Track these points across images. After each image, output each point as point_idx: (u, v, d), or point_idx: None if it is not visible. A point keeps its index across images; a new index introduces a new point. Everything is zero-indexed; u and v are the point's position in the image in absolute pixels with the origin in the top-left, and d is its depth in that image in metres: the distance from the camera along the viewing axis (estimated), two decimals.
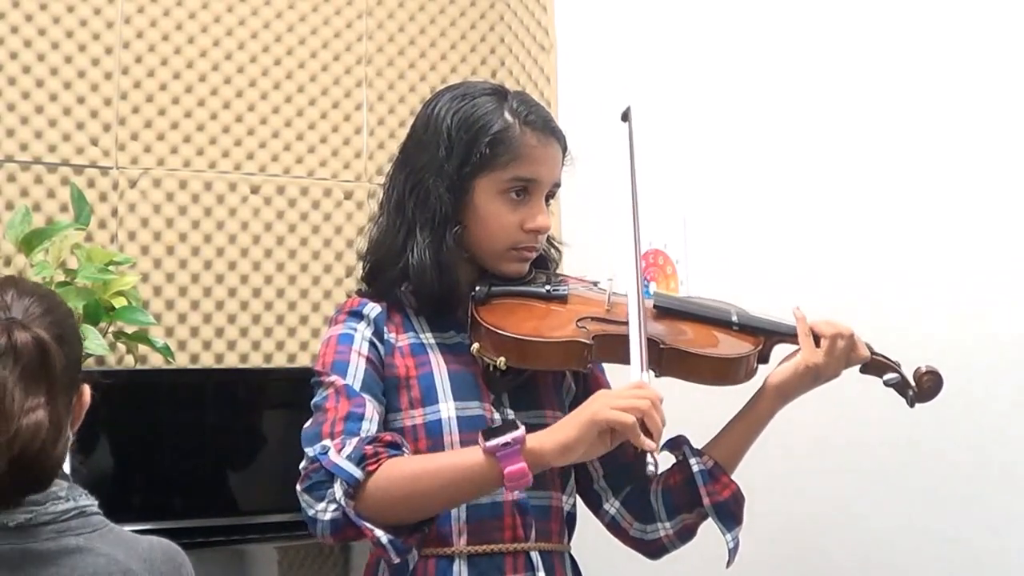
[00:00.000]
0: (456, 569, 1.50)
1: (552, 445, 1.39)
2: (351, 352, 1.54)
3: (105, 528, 1.39)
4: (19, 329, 1.33)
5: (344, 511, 1.38)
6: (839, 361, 1.60)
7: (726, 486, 1.60)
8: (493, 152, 1.55)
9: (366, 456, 1.40)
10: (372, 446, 1.42)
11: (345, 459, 1.40)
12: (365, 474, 1.39)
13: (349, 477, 1.39)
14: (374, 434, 1.46)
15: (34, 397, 1.33)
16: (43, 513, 1.34)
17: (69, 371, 1.40)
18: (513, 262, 1.61)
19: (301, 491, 1.43)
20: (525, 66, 3.27)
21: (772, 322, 1.66)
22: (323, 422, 1.47)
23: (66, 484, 1.38)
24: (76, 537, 1.35)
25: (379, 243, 1.62)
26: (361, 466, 1.39)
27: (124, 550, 1.37)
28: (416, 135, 1.63)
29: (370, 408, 1.49)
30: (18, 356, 1.32)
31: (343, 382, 1.50)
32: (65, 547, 1.33)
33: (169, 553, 1.42)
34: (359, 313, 1.59)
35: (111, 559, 1.35)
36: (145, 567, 1.37)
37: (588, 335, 1.52)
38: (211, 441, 2.77)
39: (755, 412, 1.62)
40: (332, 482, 1.40)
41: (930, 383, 1.64)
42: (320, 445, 1.43)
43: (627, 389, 1.41)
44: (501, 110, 1.58)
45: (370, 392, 1.51)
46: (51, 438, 1.34)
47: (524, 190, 1.58)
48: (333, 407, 1.48)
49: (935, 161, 2.11)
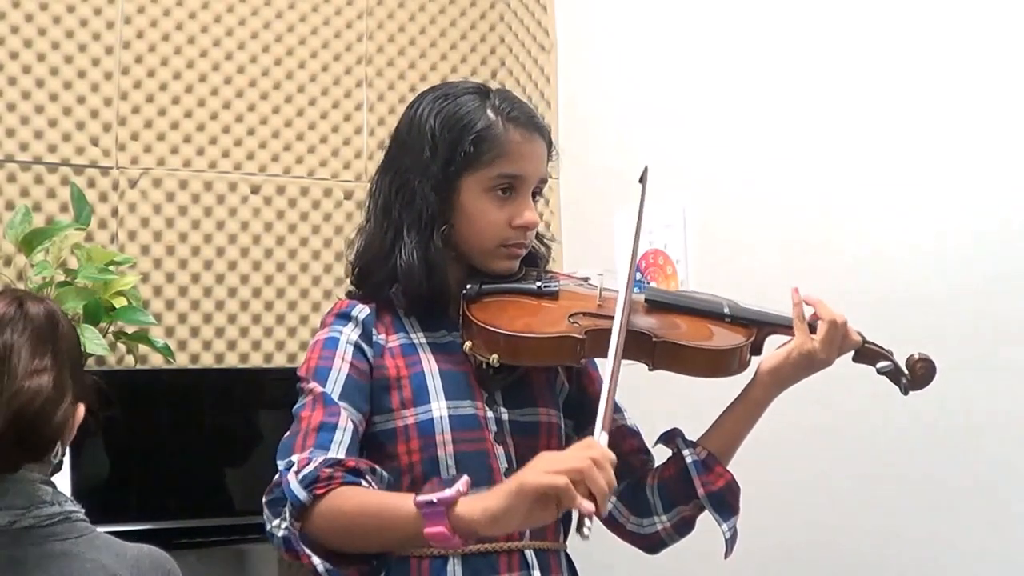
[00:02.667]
0: (450, 568, 1.50)
1: (480, 514, 1.28)
2: (335, 358, 1.53)
3: (91, 534, 1.38)
4: (31, 300, 1.38)
5: (290, 533, 1.37)
6: (832, 346, 1.60)
7: (720, 476, 1.59)
8: (477, 150, 1.55)
9: (319, 479, 1.38)
10: (331, 469, 1.39)
11: (298, 481, 1.38)
12: (311, 498, 1.37)
13: (295, 500, 1.37)
14: (340, 457, 1.43)
15: (40, 360, 1.35)
16: (27, 517, 1.34)
17: (73, 354, 1.42)
18: (503, 259, 1.61)
19: (264, 503, 1.42)
20: (525, 66, 3.27)
21: (764, 313, 1.66)
22: (296, 433, 1.47)
23: (51, 489, 1.38)
24: (61, 542, 1.34)
25: (367, 246, 1.62)
26: (309, 489, 1.37)
27: (111, 556, 1.37)
28: (400, 137, 1.63)
29: (344, 417, 1.48)
30: (28, 322, 1.36)
31: (321, 390, 1.50)
32: (50, 552, 1.33)
33: (158, 560, 1.42)
34: (347, 315, 1.59)
35: (97, 564, 1.34)
36: (133, 574, 1.36)
37: (580, 330, 1.52)
38: (211, 441, 2.77)
39: (749, 400, 1.62)
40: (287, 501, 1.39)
41: (923, 370, 1.64)
42: (288, 460, 1.43)
43: (572, 449, 1.32)
44: (484, 108, 1.58)
45: (348, 400, 1.50)
46: (52, 404, 1.35)
47: (510, 187, 1.58)
48: (307, 416, 1.48)
49: (934, 160, 2.11)
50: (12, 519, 1.33)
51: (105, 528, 1.43)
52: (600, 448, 1.30)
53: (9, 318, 1.35)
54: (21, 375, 1.34)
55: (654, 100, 2.79)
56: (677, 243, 2.67)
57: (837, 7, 2.32)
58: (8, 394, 1.32)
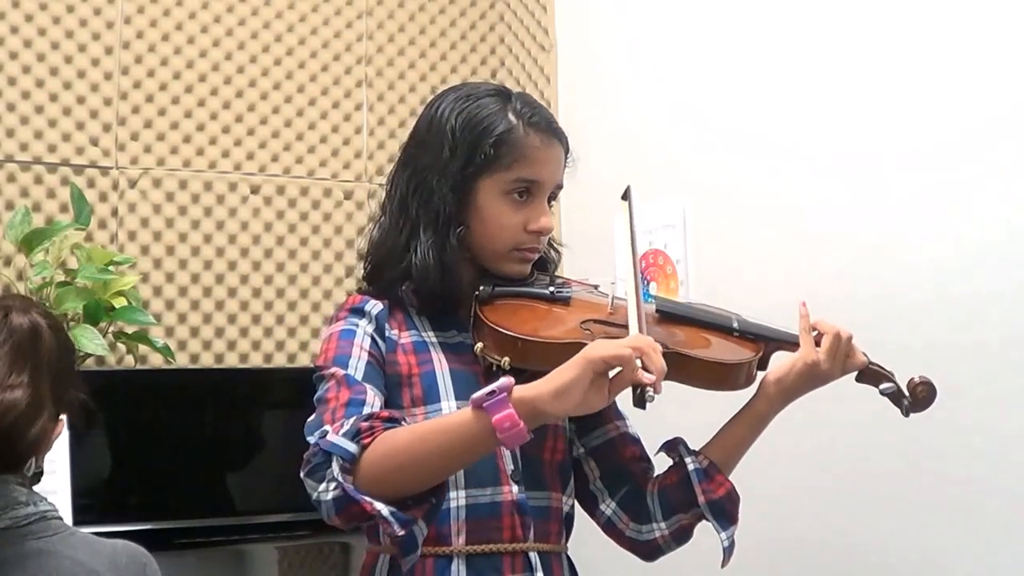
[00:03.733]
0: (454, 569, 1.50)
1: (547, 389, 1.32)
2: (353, 346, 1.54)
3: (67, 532, 1.39)
4: (17, 312, 1.38)
5: (343, 487, 1.36)
6: (837, 362, 1.61)
7: (721, 484, 1.60)
8: (497, 153, 1.56)
9: (361, 431, 1.38)
10: (368, 422, 1.40)
11: (340, 436, 1.38)
12: (360, 448, 1.37)
13: (344, 452, 1.37)
14: (372, 411, 1.44)
15: (17, 375, 1.34)
16: (4, 518, 1.34)
17: (60, 366, 1.41)
18: (515, 263, 1.61)
19: (304, 476, 1.41)
20: (525, 66, 3.27)
21: (772, 329, 1.67)
22: (324, 412, 1.46)
23: (25, 490, 1.38)
24: (37, 541, 1.34)
25: (381, 242, 1.62)
26: (356, 440, 1.37)
27: (88, 553, 1.37)
28: (419, 135, 1.63)
29: (371, 395, 1.48)
30: (8, 335, 1.35)
31: (343, 372, 1.50)
32: (27, 551, 1.33)
33: (135, 555, 1.42)
34: (361, 310, 1.59)
35: (75, 562, 1.35)
36: (110, 569, 1.36)
37: (592, 337, 1.52)
38: (211, 441, 2.77)
39: (753, 412, 1.63)
40: (330, 462, 1.37)
41: (924, 393, 1.66)
42: (320, 430, 1.42)
43: (623, 339, 1.37)
44: (505, 111, 1.59)
45: (371, 382, 1.51)
46: (26, 419, 1.34)
47: (527, 191, 1.58)
48: (334, 396, 1.47)
49: (935, 160, 2.11)
50: None
51: (105, 528, 1.44)
52: (649, 338, 1.36)
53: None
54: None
55: (654, 100, 2.79)
56: (677, 243, 2.67)
57: (837, 7, 2.32)
58: None
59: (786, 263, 2.38)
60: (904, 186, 2.16)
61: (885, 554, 2.14)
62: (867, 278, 2.20)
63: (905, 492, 2.10)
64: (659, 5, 2.79)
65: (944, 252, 2.08)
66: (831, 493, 2.25)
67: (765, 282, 2.38)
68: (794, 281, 2.31)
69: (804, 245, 2.35)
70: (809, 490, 2.29)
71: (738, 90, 2.54)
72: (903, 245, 2.15)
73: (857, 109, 2.26)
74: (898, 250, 2.16)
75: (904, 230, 2.15)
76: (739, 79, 2.54)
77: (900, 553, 2.11)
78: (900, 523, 2.11)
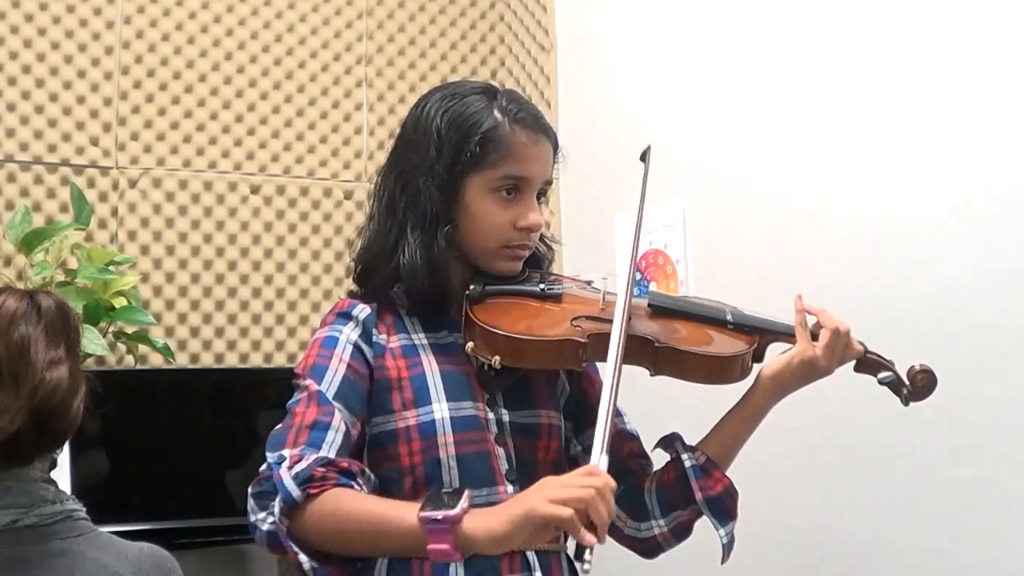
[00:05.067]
0: (452, 569, 1.49)
1: (484, 535, 1.30)
2: (333, 357, 1.53)
3: (92, 533, 1.38)
4: (40, 294, 1.40)
5: (278, 529, 1.37)
6: (834, 354, 1.60)
7: (719, 480, 1.59)
8: (484, 150, 1.55)
9: (313, 478, 1.38)
10: (325, 469, 1.39)
11: (291, 477, 1.38)
12: (304, 496, 1.37)
13: (288, 496, 1.37)
14: (332, 457, 1.43)
15: (56, 351, 1.36)
16: (30, 515, 1.34)
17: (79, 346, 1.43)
18: (506, 260, 1.60)
19: (250, 494, 1.41)
20: (525, 66, 3.27)
21: (767, 321, 1.66)
22: (289, 428, 1.46)
23: (52, 488, 1.38)
24: (62, 541, 1.34)
25: (370, 244, 1.62)
26: (303, 488, 1.37)
27: (112, 555, 1.37)
28: (406, 135, 1.62)
29: (337, 417, 1.47)
30: (41, 315, 1.37)
31: (316, 387, 1.49)
32: (51, 551, 1.33)
33: (158, 559, 1.42)
34: (348, 314, 1.59)
35: (98, 563, 1.34)
36: (134, 573, 1.36)
37: (583, 334, 1.52)
38: (211, 441, 2.77)
39: (750, 406, 1.62)
40: (276, 494, 1.38)
41: (924, 381, 1.64)
42: (279, 454, 1.42)
43: (575, 476, 1.32)
44: (491, 108, 1.58)
45: (343, 400, 1.50)
46: (70, 395, 1.36)
47: (515, 188, 1.57)
48: (301, 412, 1.47)
49: (934, 160, 2.11)
50: (15, 517, 1.33)
51: (105, 528, 1.43)
52: (603, 477, 1.31)
53: (23, 312, 1.36)
54: (41, 367, 1.34)
55: (654, 100, 2.79)
56: (677, 243, 2.67)
57: (837, 7, 2.32)
58: (30, 386, 1.33)
59: (786, 263, 2.38)
60: (904, 185, 2.16)
61: (885, 553, 2.14)
62: (867, 277, 2.20)
63: (905, 487, 2.10)
64: (659, 5, 2.79)
65: (944, 252, 2.08)
66: (830, 488, 2.25)
67: (765, 282, 2.37)
68: (794, 280, 2.30)
69: (804, 245, 2.35)
70: (808, 486, 2.29)
71: (738, 90, 2.54)
72: (903, 244, 2.15)
73: (857, 109, 2.26)
74: (898, 248, 2.16)
75: (904, 229, 2.15)
76: (739, 79, 2.54)
77: (900, 551, 2.11)
78: (900, 520, 2.11)
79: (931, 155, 2.11)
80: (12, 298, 1.37)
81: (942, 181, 2.09)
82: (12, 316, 1.35)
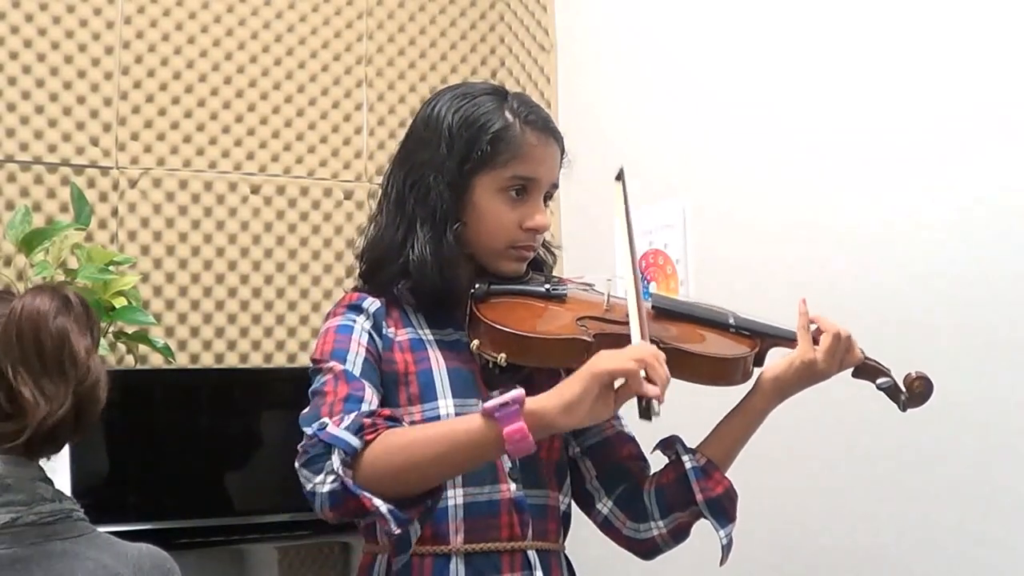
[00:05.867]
0: (453, 567, 1.50)
1: (555, 403, 1.34)
2: (351, 341, 1.54)
3: (92, 533, 1.38)
4: (65, 289, 1.42)
5: (343, 481, 1.36)
6: (834, 360, 1.61)
7: (719, 482, 1.60)
8: (494, 150, 1.56)
9: (364, 427, 1.39)
10: (371, 418, 1.41)
11: (343, 429, 1.39)
12: (363, 443, 1.37)
13: (347, 446, 1.37)
14: (375, 408, 1.45)
15: (88, 341, 1.39)
16: (29, 514, 1.34)
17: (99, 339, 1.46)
18: (511, 261, 1.61)
19: (299, 467, 1.40)
20: (525, 66, 3.27)
21: (768, 325, 1.67)
22: (321, 404, 1.46)
23: (51, 488, 1.39)
24: (62, 541, 1.34)
25: (378, 240, 1.62)
26: (359, 435, 1.38)
27: (112, 556, 1.37)
28: (416, 133, 1.63)
29: (369, 392, 1.48)
30: (71, 307, 1.39)
31: (342, 367, 1.50)
32: (51, 551, 1.33)
33: (158, 560, 1.42)
34: (358, 307, 1.59)
35: (100, 564, 1.34)
36: (134, 573, 1.36)
37: (589, 333, 1.53)
38: (211, 441, 2.77)
39: (749, 409, 1.63)
40: (330, 454, 1.37)
41: (920, 388, 1.66)
42: (319, 422, 1.42)
43: (628, 349, 1.38)
44: (502, 109, 1.59)
45: (369, 379, 1.51)
46: (105, 384, 1.39)
47: (523, 189, 1.59)
48: (332, 390, 1.47)
49: (936, 161, 2.11)
50: (14, 516, 1.33)
51: (105, 528, 1.43)
52: (653, 348, 1.39)
53: (57, 307, 1.38)
54: (82, 356, 1.36)
55: (654, 100, 2.79)
56: (677, 243, 2.67)
57: (837, 7, 2.32)
58: (78, 376, 1.35)
59: (786, 263, 2.38)
60: (905, 187, 2.16)
61: (885, 553, 2.14)
62: (867, 277, 2.20)
63: (905, 489, 2.10)
64: (659, 5, 2.79)
65: (945, 251, 2.08)
66: (829, 490, 2.25)
67: (765, 282, 2.37)
68: (794, 281, 2.31)
69: (804, 245, 2.35)
70: (807, 487, 2.29)
71: (738, 90, 2.54)
72: (903, 244, 2.15)
73: (857, 110, 2.25)
74: (898, 249, 2.16)
75: (904, 229, 2.15)
76: (739, 79, 2.54)
77: (900, 552, 2.11)
78: (900, 521, 2.11)
79: (932, 156, 2.11)
80: (41, 295, 1.40)
81: (943, 183, 2.09)
82: (49, 309, 1.37)
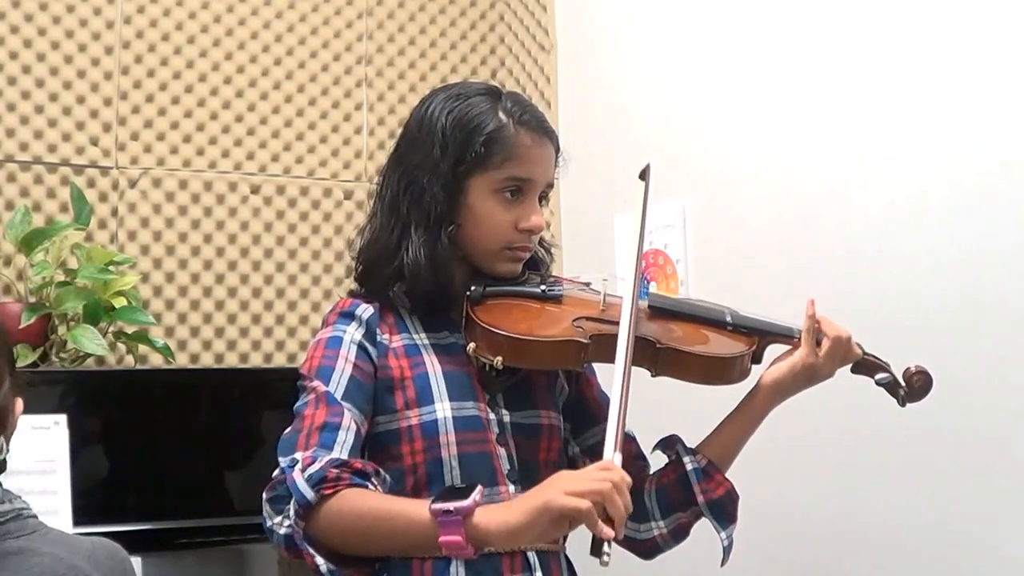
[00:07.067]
0: (453, 570, 1.49)
1: (497, 527, 1.30)
2: (338, 357, 1.53)
3: (44, 529, 1.39)
4: None
5: (294, 531, 1.38)
6: (835, 361, 1.61)
7: (720, 484, 1.60)
8: (488, 151, 1.55)
9: (326, 479, 1.38)
10: (338, 470, 1.40)
11: (304, 479, 1.38)
12: (318, 497, 1.37)
13: (301, 499, 1.37)
14: (345, 458, 1.43)
15: None
16: None
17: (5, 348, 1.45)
18: (507, 262, 1.61)
19: (265, 500, 1.42)
20: (525, 66, 3.27)
21: (766, 322, 1.67)
22: (299, 431, 1.47)
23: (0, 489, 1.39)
24: (15, 540, 1.35)
25: (372, 242, 1.62)
26: (317, 489, 1.37)
27: (66, 549, 1.38)
28: (410, 134, 1.62)
29: (347, 417, 1.48)
30: None
31: (324, 388, 1.50)
32: (7, 550, 1.34)
33: (111, 551, 1.42)
34: (351, 314, 1.59)
35: (55, 557, 1.35)
36: (90, 564, 1.37)
37: (585, 334, 1.53)
38: (211, 441, 2.76)
39: (750, 410, 1.63)
40: (291, 499, 1.39)
41: (920, 382, 1.66)
42: (291, 458, 1.43)
43: (591, 470, 1.33)
44: (495, 110, 1.58)
45: (351, 400, 1.50)
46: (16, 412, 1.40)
47: (518, 190, 1.58)
48: (311, 414, 1.48)
49: (937, 161, 2.11)
50: None
51: (105, 528, 1.43)
52: (619, 471, 1.31)
53: None
54: None
55: (654, 100, 2.79)
56: (677, 243, 2.67)
57: (837, 7, 2.32)
58: None
59: (786, 263, 2.38)
60: (904, 185, 2.16)
61: (885, 554, 2.14)
62: (866, 276, 2.20)
63: (906, 488, 2.10)
64: (659, 5, 2.79)
65: (945, 251, 2.08)
66: (829, 490, 2.25)
67: (765, 282, 2.37)
68: (793, 280, 2.31)
69: (804, 244, 2.35)
70: (807, 487, 2.30)
71: (738, 90, 2.54)
72: (903, 244, 2.15)
73: (858, 109, 2.26)
74: (898, 249, 2.16)
75: (904, 229, 2.15)
76: (739, 79, 2.54)
77: (901, 551, 2.11)
78: (901, 520, 2.11)
79: (933, 156, 2.11)
80: None
81: (944, 183, 2.09)
82: None
